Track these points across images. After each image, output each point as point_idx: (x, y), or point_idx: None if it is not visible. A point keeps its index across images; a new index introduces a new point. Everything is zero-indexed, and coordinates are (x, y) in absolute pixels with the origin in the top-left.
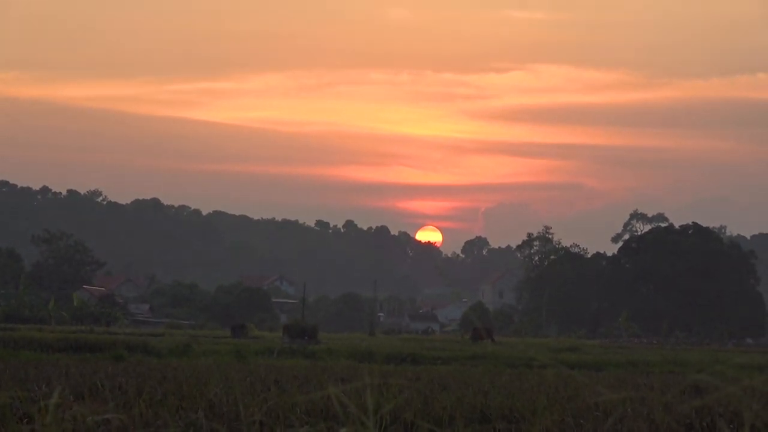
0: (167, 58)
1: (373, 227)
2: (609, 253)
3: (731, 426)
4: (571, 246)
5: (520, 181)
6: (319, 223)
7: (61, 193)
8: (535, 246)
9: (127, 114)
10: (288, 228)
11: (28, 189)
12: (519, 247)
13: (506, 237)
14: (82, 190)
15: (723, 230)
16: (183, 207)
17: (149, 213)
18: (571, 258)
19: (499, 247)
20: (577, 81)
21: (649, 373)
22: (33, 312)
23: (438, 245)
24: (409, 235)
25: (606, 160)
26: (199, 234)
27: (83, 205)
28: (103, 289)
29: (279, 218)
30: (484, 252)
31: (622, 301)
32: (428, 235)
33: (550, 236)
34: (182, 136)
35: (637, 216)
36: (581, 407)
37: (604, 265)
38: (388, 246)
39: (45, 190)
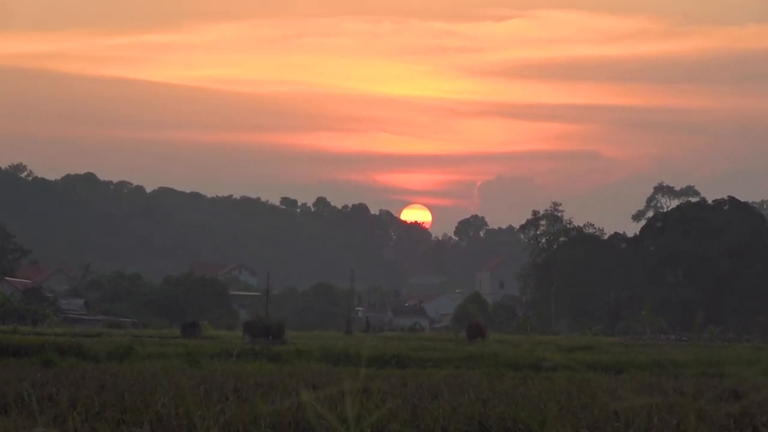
0: (103, 7)
1: (350, 205)
2: (630, 234)
3: None
4: (584, 225)
5: (523, 149)
6: (285, 200)
7: None
8: (542, 226)
9: (55, 74)
10: (248, 207)
11: None
12: (522, 227)
13: (507, 216)
14: (3, 165)
15: (764, 205)
16: (123, 183)
17: (83, 190)
18: (585, 240)
19: (499, 228)
20: (590, 30)
21: (678, 376)
22: None
23: (427, 226)
24: (392, 214)
25: (625, 123)
26: (143, 215)
27: (4, 182)
28: (28, 281)
29: (237, 195)
30: (481, 234)
31: (646, 290)
32: (415, 214)
33: (559, 214)
34: (121, 99)
35: (662, 189)
36: (598, 416)
37: (623, 247)
38: (368, 228)
39: None
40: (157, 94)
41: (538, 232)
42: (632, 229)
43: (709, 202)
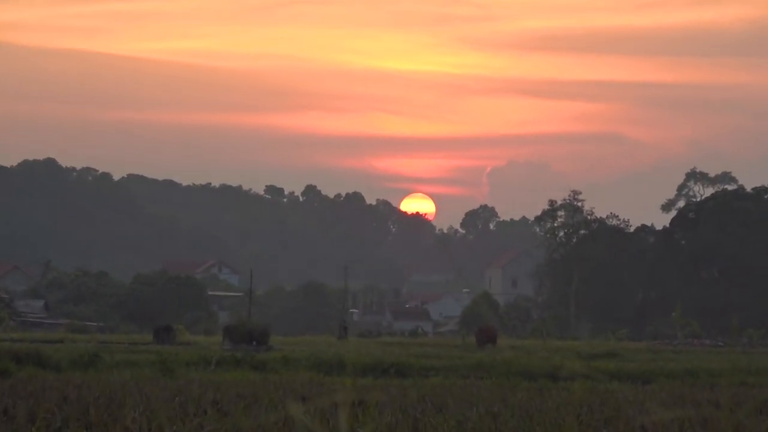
0: None
1: (343, 194)
2: (659, 226)
3: None
4: (607, 217)
5: (538, 131)
6: (270, 189)
7: None
8: (560, 217)
9: (10, 46)
10: (228, 196)
11: None
12: (538, 219)
13: (520, 206)
14: None
15: None
16: (88, 170)
17: (42, 178)
18: (608, 233)
19: (511, 220)
20: None
21: (713, 386)
22: None
23: (430, 218)
24: (391, 204)
25: (654, 101)
26: (110, 205)
27: None
28: None
29: (216, 183)
30: (491, 226)
31: (677, 289)
32: (417, 204)
33: (579, 204)
34: (86, 75)
35: (695, 176)
36: (623, 431)
37: (652, 242)
38: (364, 219)
39: None
40: (126, 70)
41: (555, 225)
42: (661, 220)
43: (749, 190)
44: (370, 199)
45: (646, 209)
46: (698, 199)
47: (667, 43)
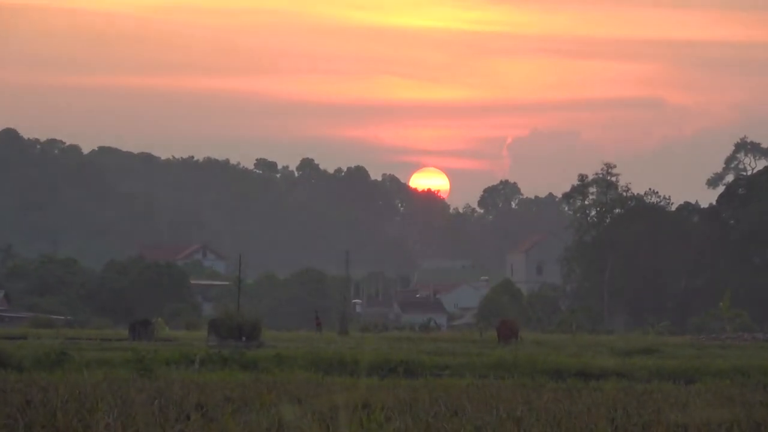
0: None
1: (344, 169)
2: (704, 204)
3: None
4: (646, 194)
5: (566, 96)
6: (261, 163)
7: None
8: (591, 194)
9: None
10: (214, 172)
11: None
12: (566, 196)
13: (546, 182)
14: None
15: None
16: (53, 142)
17: (1, 151)
18: (647, 212)
19: (536, 198)
20: None
21: (766, 386)
22: None
23: (443, 195)
24: (399, 180)
25: (699, 62)
26: (79, 182)
27: None
28: None
29: (200, 157)
30: (513, 205)
31: (725, 276)
32: (428, 179)
33: (613, 179)
34: (49, 33)
35: (745, 146)
36: None
37: (696, 221)
38: (368, 198)
39: None
40: (95, 28)
41: (586, 203)
42: (707, 197)
43: None
44: (375, 175)
45: (689, 184)
46: (749, 173)
47: None
